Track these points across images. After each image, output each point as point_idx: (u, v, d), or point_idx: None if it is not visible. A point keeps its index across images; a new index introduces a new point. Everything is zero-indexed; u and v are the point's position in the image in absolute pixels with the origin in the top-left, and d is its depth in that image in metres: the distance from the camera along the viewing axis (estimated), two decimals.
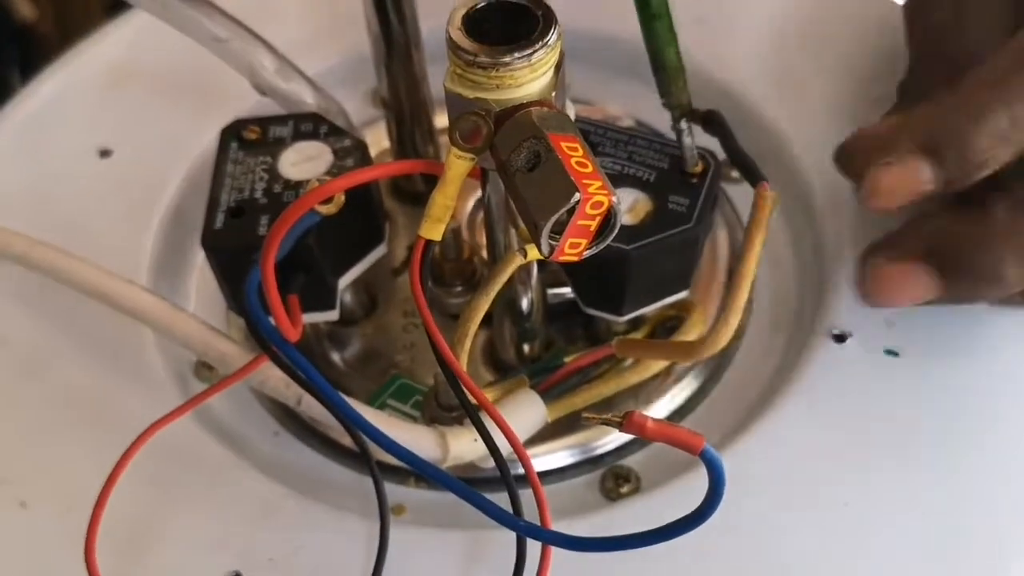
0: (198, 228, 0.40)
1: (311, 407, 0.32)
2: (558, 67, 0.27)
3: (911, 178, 0.29)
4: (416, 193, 0.44)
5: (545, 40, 0.26)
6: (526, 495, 0.31)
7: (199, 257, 0.43)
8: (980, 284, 0.30)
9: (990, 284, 0.30)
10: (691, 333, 0.37)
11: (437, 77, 0.41)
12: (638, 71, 0.46)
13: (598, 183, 0.25)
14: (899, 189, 0.30)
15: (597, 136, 0.35)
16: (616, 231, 0.26)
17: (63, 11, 0.90)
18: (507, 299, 0.35)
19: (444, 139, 0.43)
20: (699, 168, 0.34)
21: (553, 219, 0.25)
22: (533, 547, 0.30)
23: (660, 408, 0.38)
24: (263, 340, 0.31)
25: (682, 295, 0.35)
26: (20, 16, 0.90)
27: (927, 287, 0.31)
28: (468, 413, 0.29)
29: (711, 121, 0.33)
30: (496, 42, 0.26)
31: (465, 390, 0.29)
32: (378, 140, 0.45)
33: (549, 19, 0.26)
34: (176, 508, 0.34)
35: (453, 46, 0.26)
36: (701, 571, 0.32)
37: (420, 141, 0.42)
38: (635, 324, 0.38)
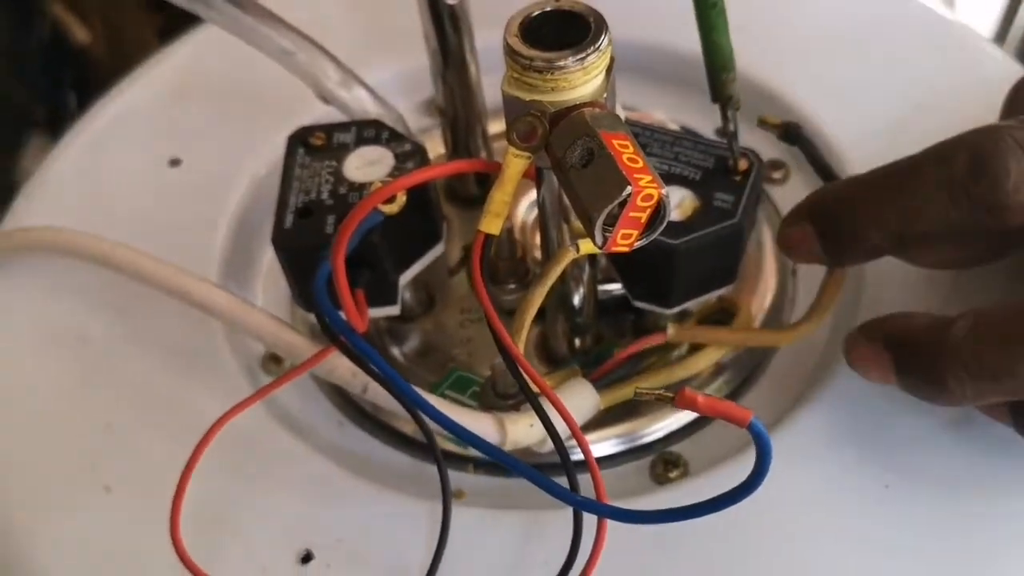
0: (264, 232, 0.43)
1: (376, 395, 0.34)
2: (608, 70, 0.29)
3: (802, 238, 0.34)
4: (470, 197, 0.46)
5: (597, 45, 0.28)
6: (580, 480, 0.33)
7: (265, 260, 0.45)
8: (924, 388, 0.32)
9: (933, 391, 0.31)
10: (744, 319, 0.38)
11: (489, 87, 0.43)
12: (682, 80, 0.48)
13: (648, 177, 0.27)
14: (795, 245, 0.35)
15: (645, 138, 0.37)
16: (665, 222, 0.28)
17: (116, 35, 0.93)
18: (560, 295, 0.37)
19: (497, 145, 0.46)
20: (743, 167, 0.35)
21: (606, 211, 0.27)
22: (588, 528, 0.32)
23: None
24: (332, 330, 0.33)
25: (728, 288, 0.37)
26: (75, 40, 0.92)
27: (883, 375, 0.33)
28: (527, 396, 0.31)
29: (792, 136, 0.37)
30: (550, 48, 0.28)
31: (524, 375, 0.31)
32: (434, 148, 0.47)
33: (600, 25, 0.28)
34: (250, 492, 0.36)
35: (511, 52, 0.28)
36: (740, 553, 0.33)
37: (474, 148, 0.44)
38: (681, 318, 0.39)
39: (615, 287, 0.40)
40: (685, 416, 0.39)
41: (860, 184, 0.33)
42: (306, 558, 0.34)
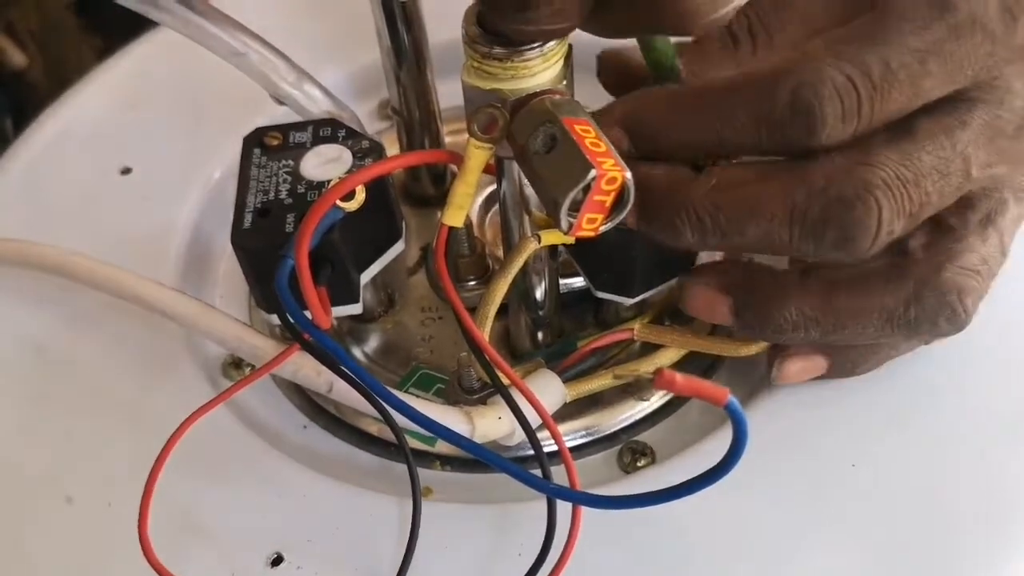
0: (220, 237, 0.42)
1: (341, 394, 0.34)
2: (567, 57, 0.29)
3: (616, 139, 0.32)
4: (426, 197, 0.46)
5: None
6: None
7: (222, 265, 0.45)
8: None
9: (666, 235, 0.32)
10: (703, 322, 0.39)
11: (442, 88, 0.43)
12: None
13: (612, 161, 0.27)
14: None
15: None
16: (630, 205, 0.28)
17: (54, 59, 0.92)
18: (522, 290, 0.37)
19: (450, 140, 0.46)
20: None
21: (571, 195, 0.27)
22: (562, 517, 0.32)
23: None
24: (295, 329, 0.32)
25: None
26: (11, 64, 0.91)
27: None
28: (496, 386, 0.31)
29: None
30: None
31: (492, 364, 0.31)
32: (389, 150, 0.47)
33: None
34: (217, 496, 0.36)
35: (470, 40, 0.28)
36: (712, 537, 0.34)
37: (429, 147, 0.44)
38: (641, 308, 0.39)
39: (576, 281, 0.40)
40: (648, 406, 0.39)
41: (674, 100, 0.32)
42: (276, 560, 0.34)
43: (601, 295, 0.37)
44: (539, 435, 0.33)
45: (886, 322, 0.33)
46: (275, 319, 0.36)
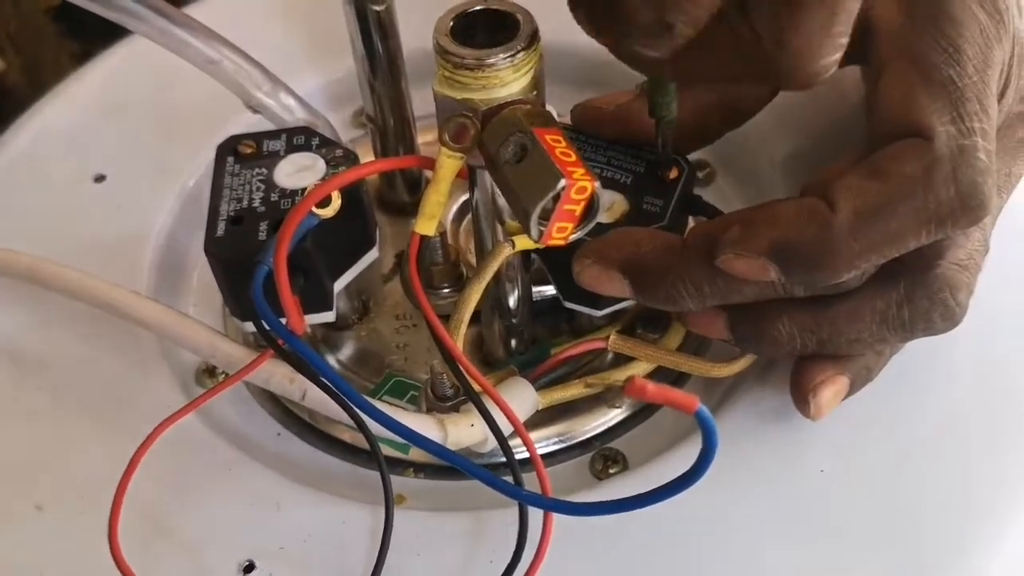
0: (193, 245, 0.42)
1: (315, 401, 0.34)
2: (538, 68, 0.29)
3: (619, 290, 0.34)
4: (401, 204, 0.46)
5: (526, 42, 0.28)
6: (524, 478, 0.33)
7: (195, 273, 0.45)
8: (661, 304, 0.34)
9: (669, 306, 0.33)
10: (675, 335, 0.39)
11: (417, 96, 0.43)
12: (597, 81, 0.48)
13: (581, 170, 0.27)
14: (602, 289, 0.34)
15: (579, 142, 0.37)
16: (599, 214, 0.28)
17: (32, 62, 0.91)
18: (495, 297, 0.37)
19: (425, 149, 0.46)
20: (674, 174, 0.36)
21: (541, 204, 0.27)
22: (533, 524, 0.32)
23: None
24: (269, 335, 0.32)
25: None
26: None
27: (719, 331, 0.35)
28: (468, 394, 0.31)
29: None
30: (481, 46, 0.28)
31: (465, 373, 0.31)
32: (363, 159, 0.47)
33: (529, 23, 0.29)
34: (189, 504, 0.36)
35: (441, 51, 0.29)
36: (682, 542, 0.34)
37: (404, 154, 0.44)
38: (613, 318, 0.40)
39: (548, 289, 0.40)
40: (621, 413, 0.39)
41: (672, 252, 0.33)
42: (248, 568, 0.34)
43: (570, 306, 0.37)
44: (511, 442, 0.33)
45: (880, 324, 0.33)
46: (248, 327, 0.37)
